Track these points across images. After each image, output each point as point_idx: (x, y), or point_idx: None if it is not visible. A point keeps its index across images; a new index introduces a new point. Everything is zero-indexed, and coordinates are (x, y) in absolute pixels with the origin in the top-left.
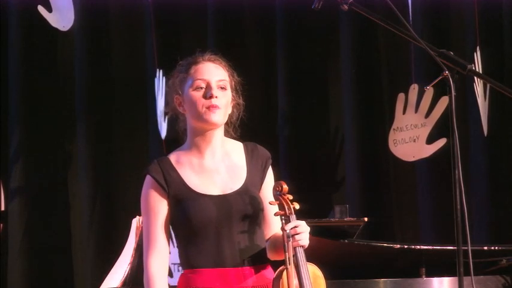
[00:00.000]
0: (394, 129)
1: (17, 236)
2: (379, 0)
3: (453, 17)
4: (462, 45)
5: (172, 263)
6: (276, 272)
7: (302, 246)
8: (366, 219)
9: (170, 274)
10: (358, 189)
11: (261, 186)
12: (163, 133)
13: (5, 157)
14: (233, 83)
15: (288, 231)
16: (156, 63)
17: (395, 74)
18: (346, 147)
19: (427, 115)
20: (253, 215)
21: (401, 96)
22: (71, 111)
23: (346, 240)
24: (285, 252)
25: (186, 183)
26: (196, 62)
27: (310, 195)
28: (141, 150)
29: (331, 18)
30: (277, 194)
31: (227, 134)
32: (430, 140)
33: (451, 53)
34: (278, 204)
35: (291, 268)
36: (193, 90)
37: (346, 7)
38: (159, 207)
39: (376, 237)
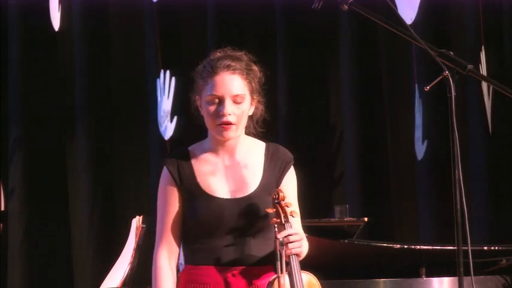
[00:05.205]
0: (416, 126)
1: (17, 236)
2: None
3: (454, 17)
4: (464, 45)
5: None
6: (269, 281)
7: (296, 254)
8: (366, 219)
9: None
10: (358, 189)
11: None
12: (168, 134)
13: (4, 157)
14: (253, 86)
15: (281, 239)
16: (160, 63)
17: (395, 74)
18: (346, 147)
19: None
20: (261, 219)
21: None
22: (71, 111)
23: (346, 240)
24: (276, 260)
25: (198, 181)
26: (214, 73)
27: (310, 195)
28: (141, 150)
29: (331, 18)
30: (275, 201)
31: (249, 131)
32: (422, 140)
33: (451, 53)
34: (275, 211)
35: (283, 277)
36: (208, 102)
37: (346, 7)
38: (172, 200)
39: (376, 237)
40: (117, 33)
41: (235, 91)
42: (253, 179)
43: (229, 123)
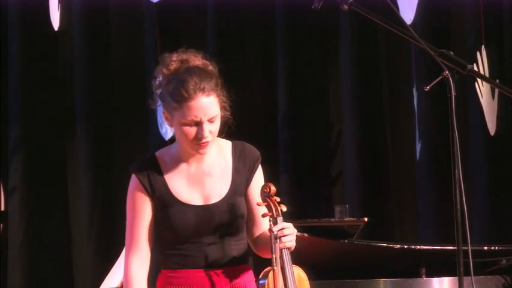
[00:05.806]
0: (416, 126)
1: (17, 236)
2: (379, 0)
3: (454, 17)
4: (464, 45)
5: None
6: (262, 273)
7: (288, 248)
8: (366, 219)
9: None
10: (358, 189)
11: (248, 187)
12: (170, 134)
13: (4, 157)
14: (222, 99)
15: (275, 232)
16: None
17: (395, 74)
18: (346, 147)
19: None
20: (236, 221)
21: None
22: (71, 111)
23: (346, 240)
24: (272, 253)
25: (169, 188)
26: (189, 97)
27: (310, 195)
28: (141, 150)
29: (331, 18)
30: (265, 195)
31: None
32: (419, 140)
33: (451, 52)
34: (266, 205)
35: (278, 269)
36: (184, 125)
37: (346, 7)
38: (142, 207)
39: (376, 237)
40: (117, 33)
41: (212, 113)
42: (223, 183)
43: (207, 143)
